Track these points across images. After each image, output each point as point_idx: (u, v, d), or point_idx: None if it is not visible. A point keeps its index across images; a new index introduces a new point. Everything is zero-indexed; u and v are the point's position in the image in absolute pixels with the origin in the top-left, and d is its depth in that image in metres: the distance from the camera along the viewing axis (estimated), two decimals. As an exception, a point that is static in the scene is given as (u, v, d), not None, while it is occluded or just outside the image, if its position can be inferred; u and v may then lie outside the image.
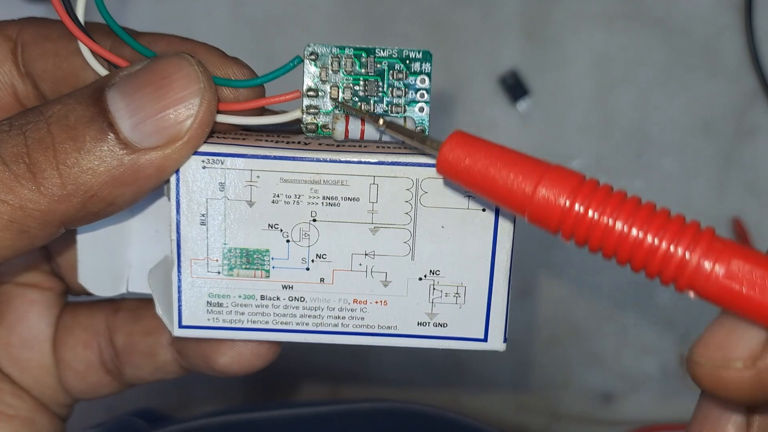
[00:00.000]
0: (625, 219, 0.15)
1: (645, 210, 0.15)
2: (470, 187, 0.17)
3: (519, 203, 0.16)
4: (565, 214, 0.15)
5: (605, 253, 0.15)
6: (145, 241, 0.22)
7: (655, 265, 0.15)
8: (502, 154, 0.16)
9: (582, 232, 0.15)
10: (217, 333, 0.20)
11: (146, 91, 0.17)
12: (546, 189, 0.15)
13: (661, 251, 0.15)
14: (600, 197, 0.15)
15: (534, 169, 0.16)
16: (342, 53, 0.19)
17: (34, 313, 0.23)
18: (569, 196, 0.15)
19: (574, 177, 0.16)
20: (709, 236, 0.15)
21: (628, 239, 0.15)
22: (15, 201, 0.17)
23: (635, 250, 0.15)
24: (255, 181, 0.19)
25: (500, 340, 0.20)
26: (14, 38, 0.20)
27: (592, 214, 0.15)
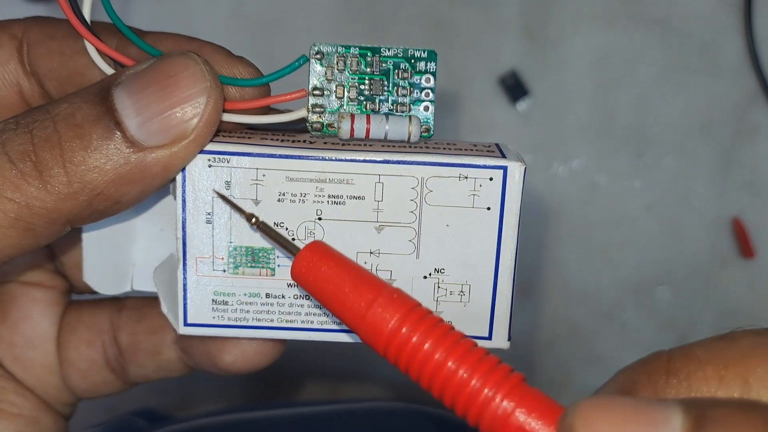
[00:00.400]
0: (443, 352, 0.15)
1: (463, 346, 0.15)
2: (315, 297, 0.17)
3: (353, 322, 0.16)
4: (390, 338, 0.16)
5: (422, 384, 0.16)
6: (149, 240, 0.22)
7: (461, 405, 0.15)
8: (348, 272, 0.17)
9: (403, 358, 0.16)
10: (223, 331, 0.20)
11: (153, 89, 0.17)
12: (376, 311, 0.16)
13: (468, 391, 0.15)
14: (424, 327, 0.16)
15: (371, 292, 0.16)
16: (347, 52, 0.19)
17: (38, 312, 0.23)
18: (397, 321, 0.16)
19: (406, 303, 0.16)
20: (515, 382, 0.15)
21: (441, 373, 0.15)
22: (21, 199, 0.17)
23: (446, 386, 0.15)
24: (261, 180, 0.19)
25: (504, 338, 0.20)
26: (20, 37, 0.20)
27: (415, 341, 0.15)
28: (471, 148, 0.20)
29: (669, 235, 0.49)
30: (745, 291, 0.49)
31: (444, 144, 0.20)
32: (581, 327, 0.51)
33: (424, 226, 0.19)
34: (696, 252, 0.49)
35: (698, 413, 0.13)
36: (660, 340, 0.50)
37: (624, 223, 0.49)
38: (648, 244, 0.49)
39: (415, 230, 0.19)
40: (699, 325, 0.50)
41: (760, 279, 0.49)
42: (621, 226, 0.49)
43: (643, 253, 0.49)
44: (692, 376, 0.14)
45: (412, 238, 0.19)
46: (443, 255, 0.19)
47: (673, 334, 0.50)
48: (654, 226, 0.49)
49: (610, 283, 0.50)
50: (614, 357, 0.50)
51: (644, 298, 0.50)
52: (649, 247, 0.49)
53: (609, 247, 0.49)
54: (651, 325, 0.50)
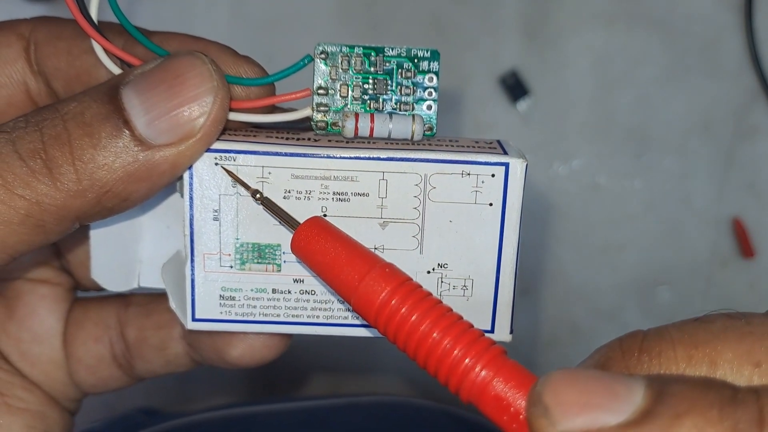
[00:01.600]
0: (429, 323, 0.16)
1: (448, 319, 0.16)
2: (312, 269, 0.18)
3: (346, 294, 0.17)
4: (381, 309, 0.17)
5: (409, 354, 0.16)
6: (156, 237, 0.22)
7: (443, 374, 0.16)
8: (345, 246, 0.18)
9: (391, 328, 0.16)
10: (230, 326, 0.20)
11: (160, 89, 0.17)
12: (369, 283, 0.17)
13: (449, 360, 0.16)
14: (413, 300, 0.16)
15: (365, 265, 0.17)
16: (352, 52, 0.19)
17: (44, 308, 0.23)
18: (387, 293, 0.16)
19: (397, 277, 0.17)
20: (495, 353, 0.16)
21: (425, 343, 0.16)
22: (31, 196, 0.17)
23: (429, 355, 0.16)
24: (267, 177, 0.19)
25: (507, 330, 0.20)
26: (27, 36, 0.21)
27: (403, 312, 0.16)
28: (473, 145, 0.20)
29: (669, 235, 0.49)
30: (745, 291, 0.49)
31: (446, 141, 0.20)
32: (581, 327, 0.51)
33: (428, 222, 0.19)
34: (696, 252, 0.49)
35: (659, 388, 0.13)
36: (660, 338, 0.50)
37: (624, 223, 0.49)
38: (648, 244, 0.49)
39: (418, 226, 0.19)
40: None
41: (760, 279, 0.49)
42: (621, 226, 0.49)
43: (643, 253, 0.49)
44: (663, 354, 0.15)
45: (415, 234, 0.19)
46: (446, 250, 0.20)
47: (673, 332, 0.50)
48: (654, 226, 0.49)
49: (610, 283, 0.50)
50: (615, 356, 0.50)
51: (644, 298, 0.50)
52: (649, 247, 0.49)
53: (609, 247, 0.49)
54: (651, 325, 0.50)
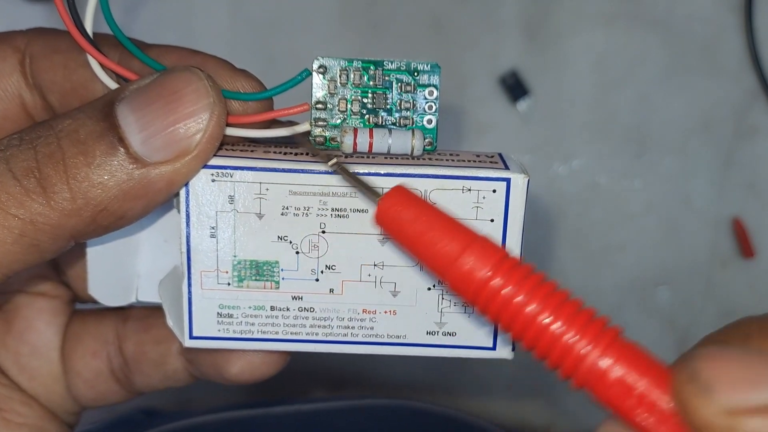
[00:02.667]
0: (538, 304, 0.15)
1: (557, 297, 0.15)
2: (400, 242, 0.17)
3: (441, 269, 0.16)
4: (481, 287, 0.15)
5: (514, 335, 0.15)
6: (154, 251, 0.22)
7: (555, 358, 0.15)
8: (434, 217, 0.16)
9: (494, 308, 0.15)
10: (228, 344, 0.20)
11: (156, 105, 0.17)
12: (467, 260, 0.15)
13: (562, 344, 0.15)
14: (517, 277, 0.15)
15: (461, 239, 0.16)
16: (350, 66, 0.19)
17: (42, 322, 0.23)
18: (489, 270, 0.15)
19: (497, 252, 0.16)
20: (612, 336, 0.15)
21: (534, 325, 0.15)
22: (25, 215, 0.17)
23: (539, 338, 0.15)
24: (264, 194, 0.19)
25: (508, 348, 0.20)
26: (22, 49, 0.20)
27: (507, 292, 0.15)
28: (474, 159, 0.20)
29: (669, 235, 0.49)
30: (745, 291, 0.49)
31: (447, 155, 0.20)
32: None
33: None
34: (696, 252, 0.49)
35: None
36: (660, 340, 0.50)
37: (624, 223, 0.49)
38: (648, 244, 0.49)
39: None
40: (699, 325, 0.50)
41: (760, 279, 0.49)
42: (621, 226, 0.49)
43: (643, 253, 0.49)
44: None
45: None
46: None
47: (673, 334, 0.50)
48: (654, 226, 0.49)
49: (610, 283, 0.50)
50: (615, 356, 0.50)
51: (644, 298, 0.50)
52: (649, 247, 0.49)
53: (609, 247, 0.49)
54: (651, 325, 0.50)
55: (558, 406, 0.51)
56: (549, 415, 0.51)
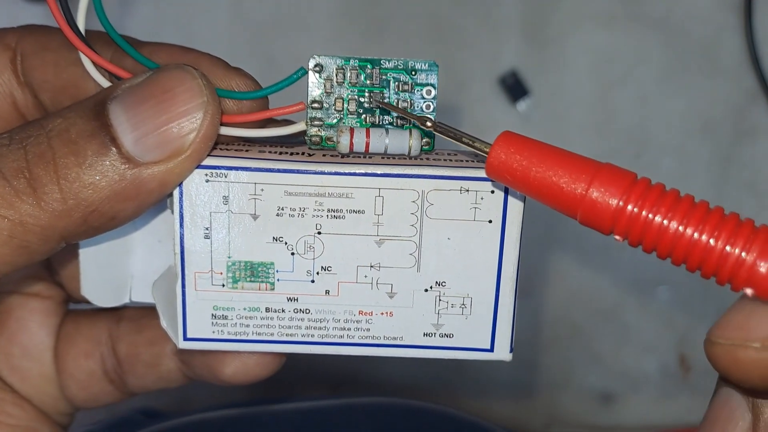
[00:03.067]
0: (680, 219, 0.15)
1: (699, 209, 0.15)
2: (520, 188, 0.16)
3: (570, 205, 0.16)
4: (618, 215, 0.15)
5: (660, 254, 0.15)
6: (147, 251, 0.22)
7: (711, 266, 0.15)
8: (552, 154, 0.16)
9: (636, 233, 0.15)
10: (223, 345, 0.20)
11: (149, 104, 0.17)
12: (597, 190, 0.15)
13: (717, 251, 0.15)
14: (653, 197, 0.15)
15: (585, 170, 0.15)
16: (347, 65, 0.19)
17: (35, 323, 0.23)
18: (621, 196, 0.15)
19: (626, 177, 0.15)
20: (766, 235, 0.15)
21: (682, 239, 0.15)
22: (15, 216, 0.16)
23: (690, 250, 0.15)
24: (259, 195, 0.18)
25: (507, 350, 0.20)
26: (13, 47, 0.20)
27: (645, 215, 0.15)
28: (472, 159, 0.19)
29: (669, 236, 0.49)
30: (746, 291, 0.49)
31: (444, 155, 0.19)
32: (581, 327, 0.50)
33: (425, 239, 0.19)
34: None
35: None
36: (660, 340, 0.50)
37: (624, 223, 0.49)
38: (648, 245, 0.49)
39: (416, 244, 0.19)
40: (699, 325, 0.49)
41: (760, 279, 0.49)
42: (621, 226, 0.49)
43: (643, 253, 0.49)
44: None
45: (413, 252, 0.19)
46: (444, 268, 0.19)
47: (673, 334, 0.50)
48: (654, 227, 0.49)
49: (610, 283, 0.50)
50: (614, 357, 0.50)
51: (644, 298, 0.50)
52: (649, 247, 0.49)
53: (609, 247, 0.49)
54: (651, 325, 0.50)
55: (558, 406, 0.51)
56: (549, 415, 0.51)
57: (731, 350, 0.15)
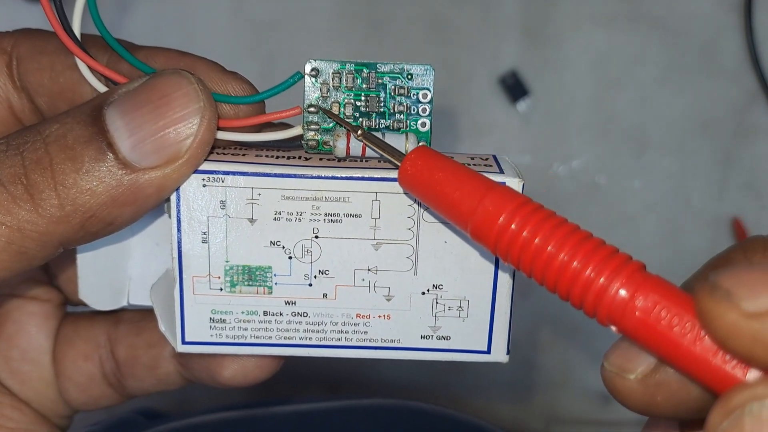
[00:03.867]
0: (555, 243, 0.15)
1: (576, 236, 0.15)
2: (423, 199, 0.17)
3: (463, 218, 0.16)
4: (501, 232, 0.15)
5: (536, 278, 0.15)
6: (145, 254, 0.22)
7: (577, 294, 0.15)
8: (456, 171, 0.17)
9: (515, 252, 0.15)
10: (221, 348, 0.20)
11: (146, 110, 0.17)
12: (487, 206, 0.16)
13: (583, 278, 0.15)
14: (537, 220, 0.15)
15: (480, 187, 0.16)
16: (343, 69, 0.19)
17: (33, 325, 0.23)
18: (507, 215, 0.15)
19: (516, 198, 0.16)
20: (633, 269, 0.15)
21: (554, 264, 0.15)
22: (13, 222, 0.16)
23: (560, 275, 0.15)
24: (256, 199, 0.18)
25: (503, 351, 0.20)
26: (9, 51, 0.20)
27: (526, 235, 0.15)
28: (468, 161, 0.19)
29: (669, 235, 0.49)
30: (746, 291, 0.49)
31: None
32: (581, 327, 0.50)
33: (422, 243, 0.19)
34: (696, 252, 0.49)
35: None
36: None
37: (624, 223, 0.49)
38: (648, 244, 0.49)
39: (412, 247, 0.19)
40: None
41: (760, 279, 0.48)
42: (621, 226, 0.49)
43: (643, 253, 0.49)
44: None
45: (410, 255, 0.19)
46: (441, 271, 0.19)
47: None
48: (654, 226, 0.49)
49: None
50: (614, 357, 0.50)
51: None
52: (649, 247, 0.49)
53: (609, 247, 0.49)
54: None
55: (557, 406, 0.51)
56: (548, 415, 0.51)
57: (613, 377, 0.16)
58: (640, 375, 0.15)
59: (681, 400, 0.15)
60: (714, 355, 0.14)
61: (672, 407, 0.15)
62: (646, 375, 0.15)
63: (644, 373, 0.15)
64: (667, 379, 0.15)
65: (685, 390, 0.15)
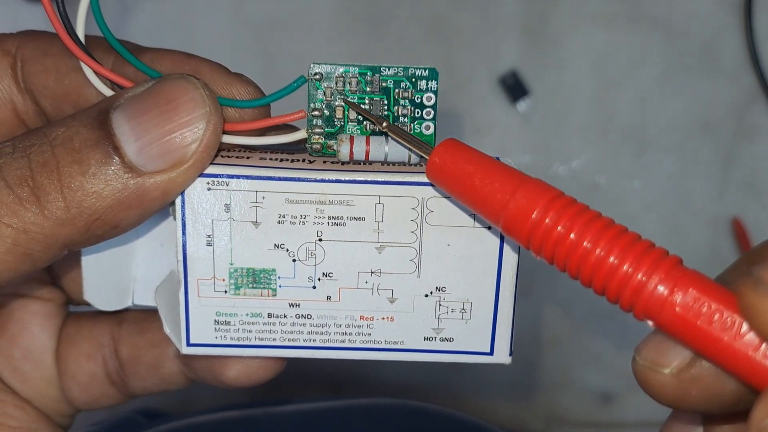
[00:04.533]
0: (591, 237, 0.15)
1: (612, 231, 0.15)
2: (453, 193, 0.17)
3: (494, 212, 0.16)
4: (535, 226, 0.15)
5: (570, 272, 0.15)
6: (150, 255, 0.22)
7: (613, 289, 0.15)
8: (487, 164, 0.16)
9: (549, 246, 0.15)
10: (225, 350, 0.20)
11: (152, 114, 0.17)
12: (520, 200, 0.15)
13: (620, 273, 0.14)
14: (571, 214, 0.15)
15: (512, 181, 0.16)
16: (347, 72, 0.19)
17: (36, 325, 0.23)
18: (541, 209, 0.15)
19: (550, 191, 0.16)
20: (671, 264, 0.14)
21: (590, 258, 0.15)
22: (19, 224, 0.17)
23: (596, 270, 0.15)
24: (260, 202, 0.18)
25: (506, 353, 0.20)
26: (13, 53, 0.20)
27: (561, 230, 0.15)
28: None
29: (669, 235, 0.49)
30: (745, 291, 0.49)
31: None
32: (581, 327, 0.51)
33: (425, 245, 0.19)
34: (696, 252, 0.49)
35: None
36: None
37: (624, 223, 0.48)
38: (648, 244, 0.49)
39: (416, 250, 0.19)
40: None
41: (759, 279, 0.49)
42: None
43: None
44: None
45: (413, 258, 0.19)
46: (444, 274, 0.19)
47: (672, 333, 0.50)
48: (654, 226, 0.49)
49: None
50: (614, 357, 0.50)
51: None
52: (649, 247, 0.49)
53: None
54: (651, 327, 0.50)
55: (558, 406, 0.51)
56: (549, 415, 0.51)
57: (645, 371, 0.16)
58: (675, 369, 0.15)
59: (715, 394, 0.15)
60: (755, 351, 0.13)
61: (705, 401, 0.15)
62: (681, 369, 0.15)
63: (679, 367, 0.15)
64: (702, 374, 0.15)
65: (720, 384, 0.15)
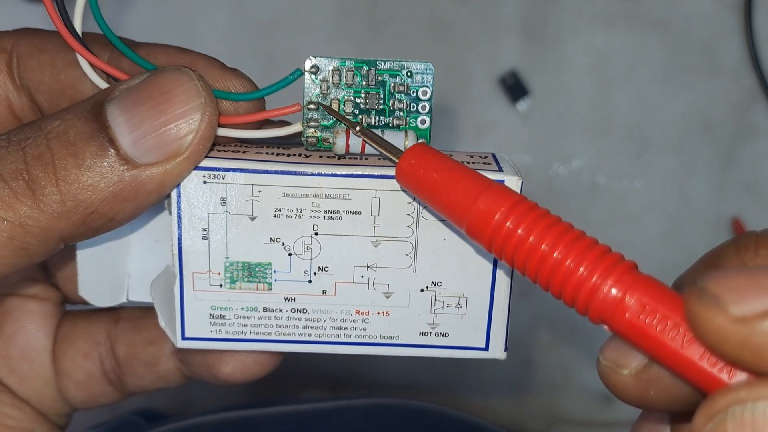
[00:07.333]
0: (549, 242, 0.15)
1: (570, 235, 0.15)
2: (420, 196, 0.17)
3: (459, 217, 0.16)
4: (496, 231, 0.16)
5: (529, 275, 0.16)
6: (145, 251, 0.22)
7: (569, 292, 0.15)
8: (453, 169, 0.17)
9: (509, 250, 0.16)
10: (220, 344, 0.20)
11: (147, 106, 0.17)
12: (481, 206, 0.16)
13: (576, 277, 0.15)
14: (531, 218, 0.15)
15: (476, 186, 0.16)
16: (343, 66, 0.19)
17: (33, 324, 0.23)
18: (502, 214, 0.16)
19: (511, 197, 0.16)
20: (625, 269, 0.15)
21: (548, 262, 0.15)
22: (14, 218, 0.17)
23: (553, 273, 0.15)
24: (256, 196, 0.18)
25: (501, 348, 0.20)
26: (9, 50, 0.20)
27: (520, 233, 0.15)
28: (467, 160, 0.19)
29: (669, 235, 0.49)
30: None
31: None
32: (581, 327, 0.50)
33: (421, 240, 0.19)
34: (696, 252, 0.48)
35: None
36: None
37: (624, 223, 0.49)
38: (648, 244, 0.49)
39: (412, 244, 0.19)
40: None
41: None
42: (621, 226, 0.49)
43: (643, 253, 0.49)
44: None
45: (409, 252, 0.19)
46: (440, 268, 0.19)
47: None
48: (654, 226, 0.49)
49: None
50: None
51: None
52: (649, 247, 0.49)
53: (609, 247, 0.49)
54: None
55: (557, 405, 0.51)
56: (549, 414, 0.51)
57: (608, 371, 0.16)
58: (634, 370, 0.16)
59: (673, 395, 0.15)
60: (701, 358, 0.14)
61: (665, 401, 0.16)
62: (639, 370, 0.15)
63: (637, 369, 0.15)
64: (659, 375, 0.15)
65: (677, 386, 0.15)
